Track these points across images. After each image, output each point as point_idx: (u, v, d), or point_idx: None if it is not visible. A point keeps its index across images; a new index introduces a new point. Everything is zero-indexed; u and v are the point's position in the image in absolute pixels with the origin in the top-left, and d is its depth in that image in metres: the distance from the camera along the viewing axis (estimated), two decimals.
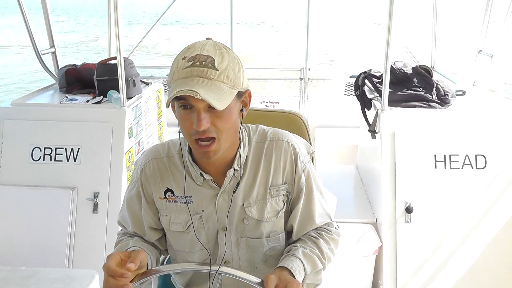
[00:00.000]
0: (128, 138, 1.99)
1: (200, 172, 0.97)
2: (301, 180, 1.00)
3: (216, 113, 0.85)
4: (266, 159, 0.98)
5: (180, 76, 0.84)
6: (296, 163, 0.99)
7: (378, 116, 1.95)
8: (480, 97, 2.23)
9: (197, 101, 0.82)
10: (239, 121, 0.93)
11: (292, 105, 3.07)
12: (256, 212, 0.99)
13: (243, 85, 0.89)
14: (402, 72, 2.16)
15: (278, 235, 1.03)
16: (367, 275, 1.93)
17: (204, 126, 0.84)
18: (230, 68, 0.85)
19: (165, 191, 1.00)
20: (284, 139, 1.00)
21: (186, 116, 0.86)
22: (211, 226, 1.00)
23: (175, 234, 1.02)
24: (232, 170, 0.96)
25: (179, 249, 1.04)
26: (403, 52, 2.86)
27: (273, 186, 0.99)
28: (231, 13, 3.06)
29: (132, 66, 2.19)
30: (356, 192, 2.36)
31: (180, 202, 0.99)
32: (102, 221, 1.87)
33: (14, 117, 1.98)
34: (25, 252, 1.85)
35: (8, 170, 1.93)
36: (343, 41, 11.87)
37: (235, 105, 0.89)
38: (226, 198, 0.98)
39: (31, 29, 2.25)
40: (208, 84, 0.82)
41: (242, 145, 0.97)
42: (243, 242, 1.01)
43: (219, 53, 0.86)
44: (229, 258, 1.02)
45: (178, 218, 1.00)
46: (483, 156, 1.86)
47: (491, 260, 1.84)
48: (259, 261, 1.03)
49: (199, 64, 0.83)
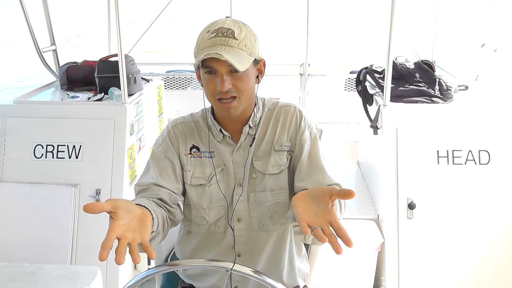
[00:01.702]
0: (130, 135, 1.99)
1: (220, 128, 1.09)
2: (304, 135, 1.09)
3: (237, 76, 0.99)
4: (275, 121, 1.12)
5: (205, 45, 0.98)
6: (300, 122, 1.11)
7: (380, 111, 1.94)
8: (483, 92, 2.21)
9: (220, 65, 0.97)
10: (255, 86, 1.07)
11: (292, 101, 3.06)
12: (261, 165, 1.09)
13: (258, 54, 1.04)
14: (404, 67, 2.14)
15: (281, 190, 1.10)
16: (369, 271, 1.93)
17: (226, 87, 0.98)
18: (247, 39, 1.00)
19: (190, 147, 1.11)
20: (292, 105, 1.14)
21: (210, 80, 1.00)
22: (230, 181, 1.10)
23: (196, 189, 1.10)
24: (247, 126, 1.09)
25: (196, 206, 1.10)
26: (404, 47, 2.84)
27: (277, 142, 1.10)
28: (231, 9, 3.05)
29: (133, 63, 2.18)
30: (358, 188, 2.36)
31: (204, 156, 1.10)
32: (105, 217, 1.86)
33: (16, 114, 1.99)
34: (28, 249, 1.86)
35: (11, 168, 1.94)
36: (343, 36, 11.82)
37: (252, 71, 1.03)
38: (242, 153, 1.10)
39: (32, 26, 2.24)
40: (230, 50, 0.97)
41: (256, 108, 1.11)
42: (252, 197, 1.10)
43: (238, 26, 1.01)
44: (242, 214, 1.10)
45: (201, 172, 1.10)
46: (486, 152, 1.85)
47: (494, 256, 1.83)
48: (265, 217, 1.10)
49: (221, 35, 0.98)
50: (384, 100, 1.92)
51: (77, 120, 1.96)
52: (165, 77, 3.12)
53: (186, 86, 3.17)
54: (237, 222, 1.10)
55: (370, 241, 1.88)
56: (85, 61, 2.34)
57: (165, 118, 2.59)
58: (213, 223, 1.11)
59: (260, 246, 1.11)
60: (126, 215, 0.78)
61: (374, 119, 2.02)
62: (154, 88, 2.44)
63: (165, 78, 3.10)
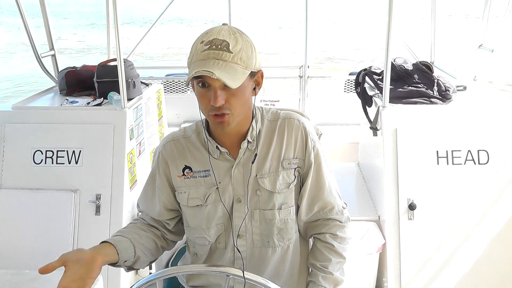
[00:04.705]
0: (130, 139, 1.99)
1: (217, 145, 1.05)
2: (311, 156, 1.08)
3: (231, 91, 0.94)
4: (279, 135, 1.07)
5: (198, 58, 0.94)
6: (307, 140, 1.08)
7: (379, 113, 1.95)
8: (481, 92, 2.22)
9: (213, 80, 0.92)
10: (252, 98, 1.03)
11: (292, 103, 3.07)
12: (268, 183, 1.06)
13: (255, 66, 0.98)
14: (403, 68, 2.15)
15: (289, 208, 1.09)
16: (371, 272, 1.93)
17: (219, 102, 0.94)
18: (243, 51, 0.95)
19: (183, 168, 1.07)
20: (295, 117, 1.10)
21: (204, 94, 0.96)
22: (227, 199, 1.06)
23: (193, 210, 1.08)
24: (246, 141, 1.05)
25: (195, 227, 1.09)
26: (402, 48, 2.85)
27: (285, 159, 1.07)
28: (229, 11, 3.05)
29: (132, 67, 2.19)
30: (358, 189, 2.35)
31: (198, 176, 1.06)
32: (105, 223, 1.87)
33: (15, 120, 1.98)
34: (28, 255, 1.85)
35: (10, 174, 1.93)
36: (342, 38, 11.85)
37: (248, 84, 0.98)
38: (241, 169, 1.06)
39: (30, 32, 2.24)
40: (223, 65, 0.92)
41: (255, 120, 1.06)
42: (256, 214, 1.07)
43: (234, 37, 0.95)
44: (242, 231, 1.08)
45: (196, 193, 1.06)
46: (485, 152, 1.85)
47: (495, 256, 1.83)
48: (271, 235, 1.08)
49: (215, 47, 0.93)
50: (383, 101, 1.92)
51: (77, 125, 1.96)
52: (164, 81, 3.12)
53: (185, 90, 3.17)
54: (238, 239, 1.07)
55: (371, 242, 1.88)
56: (84, 66, 2.34)
57: (165, 122, 2.59)
58: (214, 242, 1.10)
59: (264, 261, 1.10)
60: (74, 265, 0.87)
61: (373, 120, 2.02)
62: (153, 92, 2.44)
63: (164, 82, 3.11)
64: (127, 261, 1.00)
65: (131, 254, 1.01)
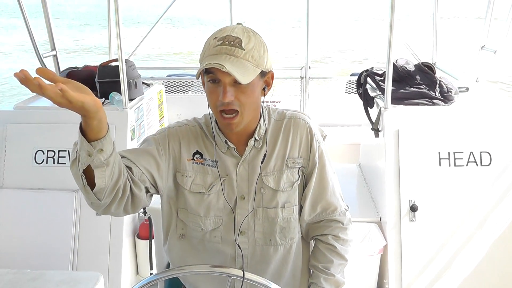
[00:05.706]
0: (131, 140, 1.99)
1: (225, 140, 1.05)
2: (316, 156, 1.09)
3: (240, 88, 0.95)
4: (284, 134, 1.08)
5: (210, 53, 0.95)
6: (312, 140, 1.09)
7: (381, 114, 1.94)
8: (484, 93, 2.21)
9: (223, 75, 0.92)
10: (260, 98, 1.03)
11: (293, 104, 3.06)
12: (272, 181, 1.07)
13: (266, 66, 0.99)
14: (405, 69, 2.14)
15: (292, 206, 1.09)
16: (372, 274, 1.93)
17: (228, 98, 0.94)
18: (255, 49, 0.96)
19: (194, 153, 1.06)
20: (301, 117, 1.11)
21: (213, 89, 0.96)
22: (230, 193, 1.06)
23: (194, 196, 1.06)
24: (253, 139, 1.05)
25: (193, 212, 1.07)
26: (404, 49, 2.85)
27: (290, 158, 1.08)
28: (231, 13, 3.05)
29: (134, 67, 2.19)
30: (360, 190, 2.35)
31: (207, 164, 1.06)
32: (106, 223, 1.87)
33: (17, 120, 1.99)
34: (29, 254, 1.86)
35: (12, 174, 1.94)
36: (344, 39, 11.84)
37: (257, 83, 0.98)
38: (246, 167, 1.06)
39: (32, 32, 2.25)
40: (234, 60, 0.93)
41: (262, 119, 1.07)
42: (259, 212, 1.07)
43: (247, 35, 0.96)
44: (244, 228, 1.08)
45: (201, 180, 1.06)
46: (487, 153, 1.85)
47: (497, 258, 1.83)
48: (273, 233, 1.08)
49: (228, 43, 0.94)
50: (385, 102, 1.92)
51: (78, 125, 1.96)
52: (166, 81, 3.12)
53: (187, 90, 3.17)
54: (239, 235, 1.07)
55: (373, 244, 1.87)
56: (85, 66, 2.34)
57: (166, 122, 2.59)
58: (208, 232, 1.08)
59: (266, 260, 1.09)
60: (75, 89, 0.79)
61: (375, 121, 2.02)
62: (155, 92, 2.44)
63: (166, 82, 3.11)
64: (104, 151, 0.89)
65: (111, 147, 0.91)
